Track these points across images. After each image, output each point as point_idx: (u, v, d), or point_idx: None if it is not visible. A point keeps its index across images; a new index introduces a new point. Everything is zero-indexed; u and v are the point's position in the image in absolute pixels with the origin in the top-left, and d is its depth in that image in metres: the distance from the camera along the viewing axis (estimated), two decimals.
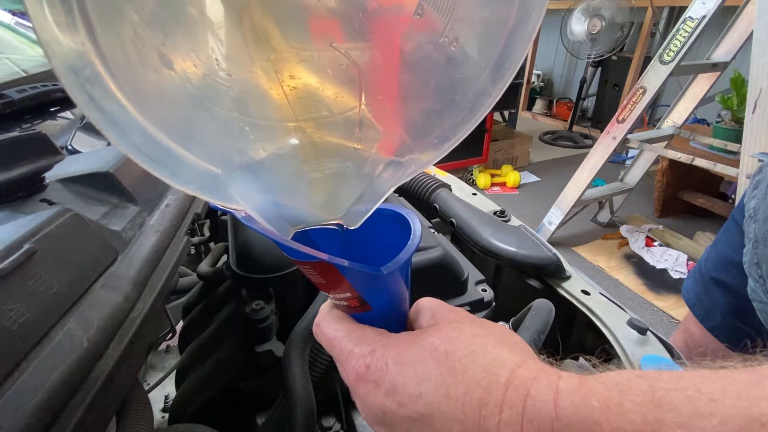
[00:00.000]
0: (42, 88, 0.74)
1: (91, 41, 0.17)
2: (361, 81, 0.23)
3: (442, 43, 0.22)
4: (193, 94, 0.22)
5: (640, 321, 0.58)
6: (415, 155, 0.25)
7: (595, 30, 3.51)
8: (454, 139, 0.24)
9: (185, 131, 0.22)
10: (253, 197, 0.24)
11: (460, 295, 0.59)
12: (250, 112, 0.24)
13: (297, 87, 0.24)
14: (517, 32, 0.21)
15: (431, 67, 0.23)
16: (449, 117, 0.24)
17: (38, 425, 0.28)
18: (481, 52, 0.22)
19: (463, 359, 0.24)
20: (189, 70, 0.21)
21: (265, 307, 0.55)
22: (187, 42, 0.21)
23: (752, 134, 1.74)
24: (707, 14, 1.98)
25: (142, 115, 0.19)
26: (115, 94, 0.18)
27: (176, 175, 0.21)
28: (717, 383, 0.19)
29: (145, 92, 0.20)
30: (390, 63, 0.24)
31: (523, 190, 3.34)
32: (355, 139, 0.25)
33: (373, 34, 0.23)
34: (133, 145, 0.19)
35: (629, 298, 2.12)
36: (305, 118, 0.25)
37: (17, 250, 0.33)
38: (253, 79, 0.23)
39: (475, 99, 0.23)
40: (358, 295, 0.27)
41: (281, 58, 0.23)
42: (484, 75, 0.22)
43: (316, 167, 0.26)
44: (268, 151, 0.25)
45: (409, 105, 0.24)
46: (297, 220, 0.27)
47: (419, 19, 0.22)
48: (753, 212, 0.72)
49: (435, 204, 0.87)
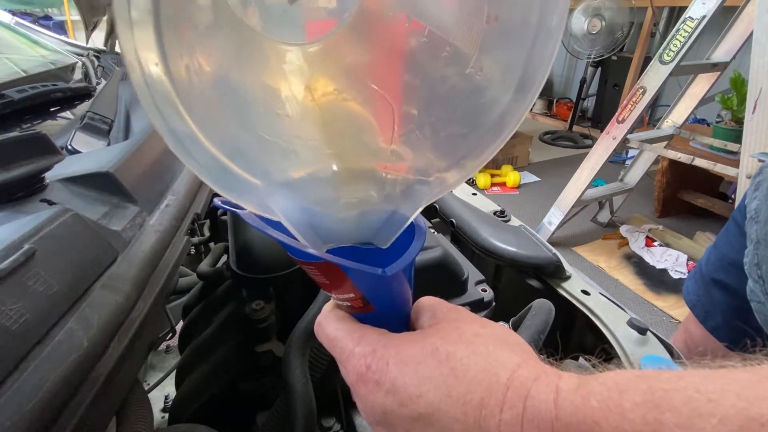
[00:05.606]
0: (42, 88, 0.74)
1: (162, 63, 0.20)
2: (395, 114, 0.25)
3: (468, 74, 0.23)
4: (245, 121, 0.25)
5: (640, 321, 0.58)
6: (442, 176, 0.26)
7: (595, 30, 3.51)
8: (481, 159, 0.25)
9: (235, 148, 0.24)
10: (288, 211, 0.25)
11: (460, 295, 0.59)
12: (289, 137, 0.26)
13: (335, 117, 0.26)
14: (539, 54, 0.22)
15: (458, 96, 0.24)
16: (475, 139, 0.25)
17: (38, 425, 0.28)
18: (504, 76, 0.23)
19: (464, 359, 0.24)
20: (249, 102, 0.24)
21: (265, 307, 0.55)
22: (251, 76, 0.24)
23: (752, 134, 1.74)
24: (707, 14, 1.98)
25: (200, 129, 0.22)
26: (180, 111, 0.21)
27: (221, 183, 0.23)
28: (716, 383, 0.19)
29: (208, 113, 0.23)
30: (422, 97, 0.25)
31: (523, 190, 3.34)
32: (387, 164, 0.27)
33: (406, 72, 0.25)
34: (190, 155, 0.22)
35: (629, 298, 2.12)
36: (342, 146, 0.26)
37: (17, 250, 0.33)
38: (296, 109, 0.25)
39: (500, 120, 0.24)
40: (362, 296, 0.27)
41: (323, 93, 0.25)
42: (507, 97, 0.23)
43: (350, 191, 0.27)
44: (305, 171, 0.27)
45: (437, 131, 0.25)
46: (330, 238, 0.28)
47: (448, 56, 0.23)
48: (754, 213, 0.72)
49: (435, 204, 0.87)
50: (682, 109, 2.48)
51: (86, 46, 1.23)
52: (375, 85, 0.25)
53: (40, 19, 4.65)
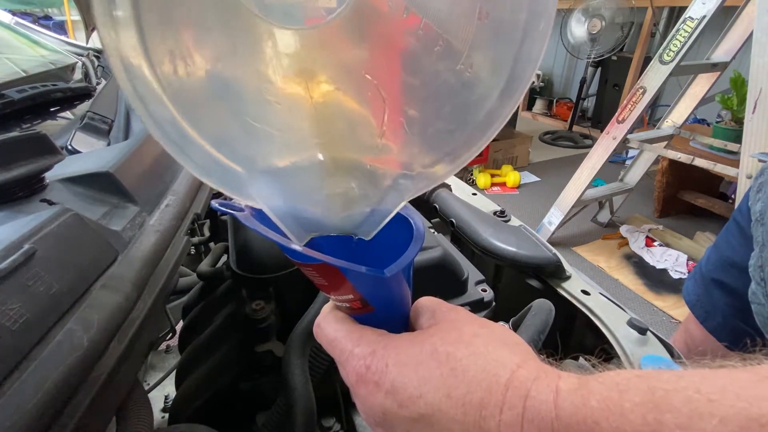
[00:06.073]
0: (42, 88, 0.74)
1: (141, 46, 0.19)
2: (386, 107, 0.25)
3: (458, 70, 0.23)
4: (234, 108, 0.24)
5: (640, 321, 0.58)
6: (427, 170, 0.26)
7: (595, 30, 3.51)
8: (466, 155, 0.25)
9: (217, 134, 0.24)
10: (271, 199, 0.25)
11: (460, 295, 0.59)
12: (279, 125, 0.26)
13: (326, 107, 0.26)
14: (526, 52, 0.22)
15: (448, 92, 0.24)
16: (461, 135, 0.25)
17: (38, 425, 0.28)
18: (493, 74, 0.24)
19: (464, 360, 0.24)
20: (241, 89, 0.24)
21: (265, 307, 0.55)
22: (245, 63, 0.24)
23: (752, 134, 1.74)
24: (707, 14, 1.98)
25: (180, 113, 0.22)
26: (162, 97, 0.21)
27: (200, 166, 0.23)
28: (717, 383, 0.19)
29: (189, 99, 0.22)
30: (413, 91, 0.25)
31: (523, 190, 3.34)
32: (373, 156, 0.27)
33: (401, 66, 0.25)
34: (166, 135, 0.22)
35: (629, 298, 2.12)
36: (329, 135, 0.26)
37: (17, 250, 0.33)
38: (288, 97, 0.25)
39: (487, 117, 0.24)
40: (361, 297, 0.27)
41: (316, 81, 0.25)
42: (495, 94, 0.24)
43: (334, 182, 0.27)
44: (291, 160, 0.27)
45: (426, 126, 0.26)
46: (312, 227, 0.28)
47: (440, 50, 0.23)
48: (759, 215, 0.71)
49: (435, 204, 0.87)
50: (682, 109, 2.48)
51: (86, 46, 1.23)
52: (368, 75, 0.25)
53: (40, 19, 4.65)
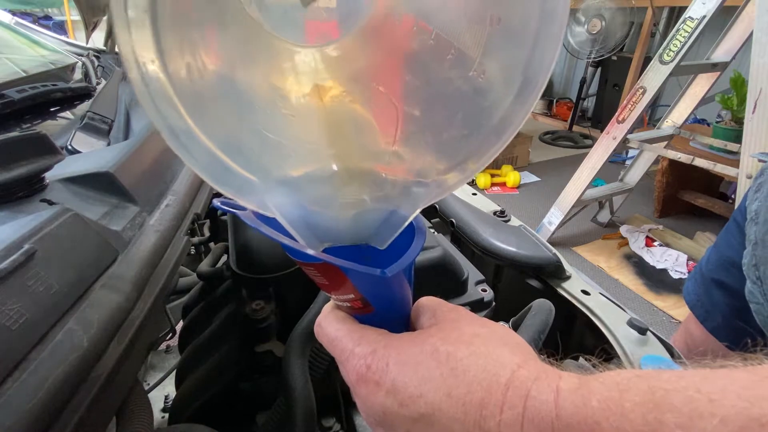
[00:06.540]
0: (42, 88, 0.74)
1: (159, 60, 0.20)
2: (399, 116, 0.25)
3: (471, 77, 0.23)
4: (249, 119, 0.25)
5: (640, 321, 0.58)
6: (441, 178, 0.26)
7: (595, 30, 3.51)
8: (481, 162, 0.25)
9: (231, 143, 0.24)
10: (285, 208, 0.25)
11: (460, 295, 0.59)
12: (292, 136, 0.26)
13: (340, 117, 0.26)
14: (539, 57, 0.22)
15: (461, 99, 0.24)
16: (476, 141, 0.25)
17: (38, 425, 0.28)
18: (506, 79, 0.23)
19: (464, 359, 0.24)
20: (256, 100, 0.24)
21: (265, 307, 0.55)
22: (261, 76, 0.24)
23: (752, 134, 1.74)
24: (707, 14, 1.98)
25: (196, 124, 0.22)
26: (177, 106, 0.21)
27: (217, 178, 0.23)
28: (717, 383, 0.19)
29: (205, 109, 0.23)
30: (426, 99, 0.25)
31: (523, 190, 3.34)
32: (386, 165, 0.27)
33: (412, 75, 0.25)
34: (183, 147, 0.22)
35: (629, 298, 2.12)
36: (343, 146, 0.27)
37: (17, 250, 0.33)
38: (302, 108, 0.25)
39: (501, 123, 0.24)
40: (362, 297, 0.27)
41: (330, 93, 0.25)
42: (509, 100, 0.23)
43: (349, 191, 0.27)
44: (305, 170, 0.27)
45: (439, 134, 0.26)
46: (326, 236, 0.28)
47: (452, 58, 0.23)
48: (754, 215, 0.72)
49: (435, 204, 0.87)
50: (682, 109, 2.48)
51: (86, 46, 1.23)
52: (381, 87, 0.25)
53: (40, 19, 4.65)
